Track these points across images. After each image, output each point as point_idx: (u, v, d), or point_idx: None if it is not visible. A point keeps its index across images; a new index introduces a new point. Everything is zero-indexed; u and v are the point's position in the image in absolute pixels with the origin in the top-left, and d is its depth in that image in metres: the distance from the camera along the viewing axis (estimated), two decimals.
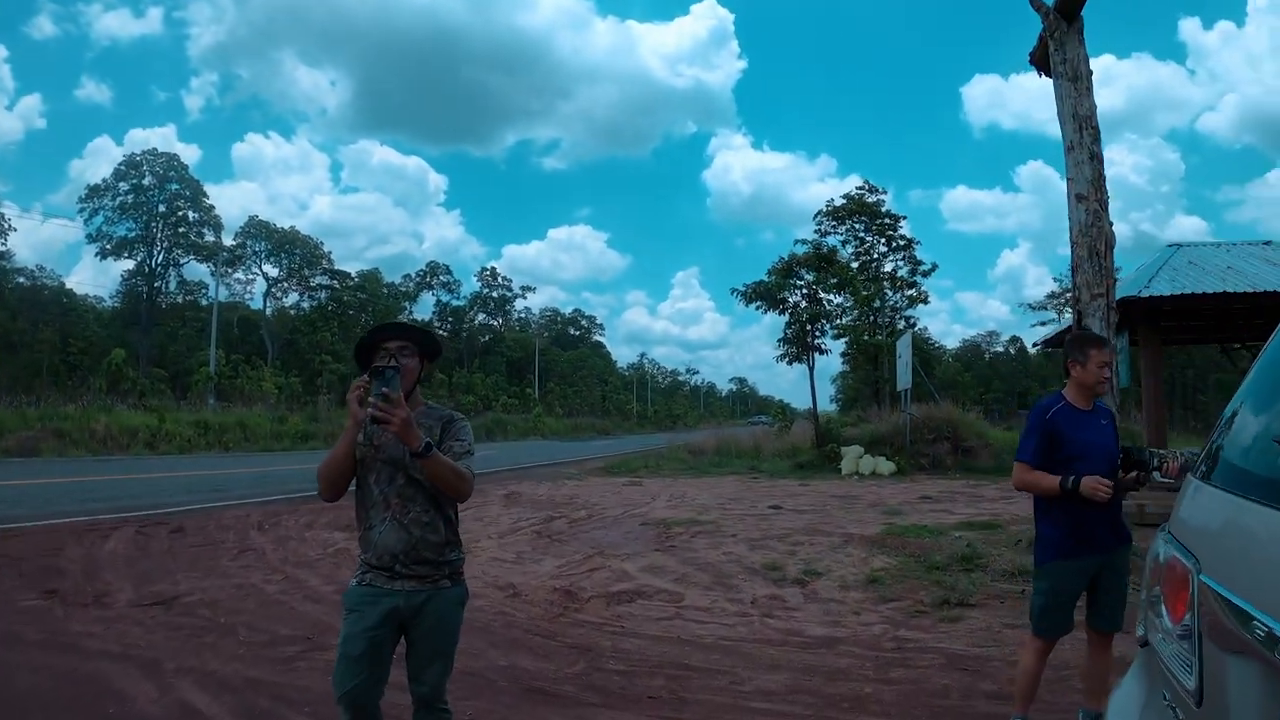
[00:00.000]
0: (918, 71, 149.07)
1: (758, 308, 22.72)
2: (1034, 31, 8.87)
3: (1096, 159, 8.22)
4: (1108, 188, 8.25)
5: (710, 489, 15.78)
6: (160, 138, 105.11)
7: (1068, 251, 8.38)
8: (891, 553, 8.55)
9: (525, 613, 6.32)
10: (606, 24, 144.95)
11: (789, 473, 19.54)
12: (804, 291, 22.97)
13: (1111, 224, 8.18)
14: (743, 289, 22.53)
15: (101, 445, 23.85)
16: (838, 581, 7.35)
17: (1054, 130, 8.64)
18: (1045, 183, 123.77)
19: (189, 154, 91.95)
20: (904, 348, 22.53)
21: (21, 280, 58.08)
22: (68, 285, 61.73)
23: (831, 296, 23.30)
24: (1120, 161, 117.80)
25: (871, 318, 35.92)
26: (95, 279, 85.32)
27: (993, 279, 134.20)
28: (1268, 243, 14.51)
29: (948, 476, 18.40)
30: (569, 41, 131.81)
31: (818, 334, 23.17)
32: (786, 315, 22.81)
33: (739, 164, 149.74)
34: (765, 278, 22.85)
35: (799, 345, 23.20)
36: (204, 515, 11.18)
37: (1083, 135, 8.23)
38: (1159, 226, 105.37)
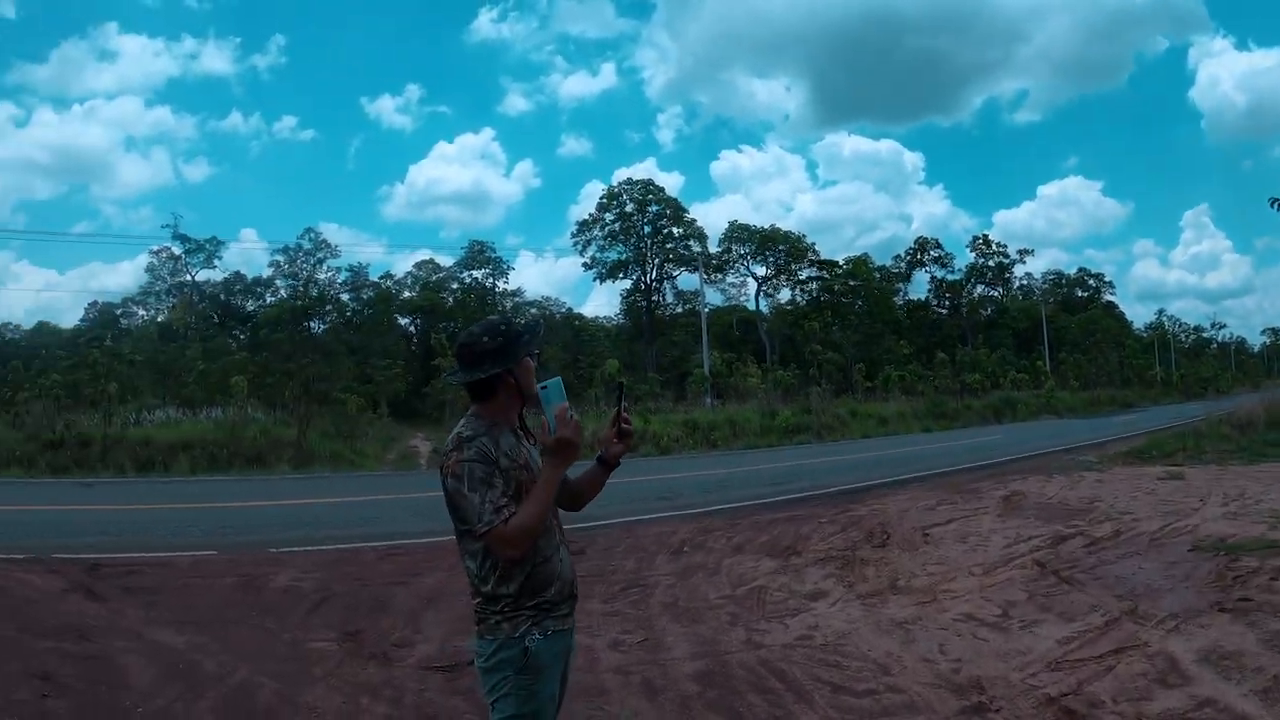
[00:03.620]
0: None
1: None
2: None
3: None
4: None
5: (1274, 482, 11.32)
6: (643, 172, 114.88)
7: None
8: None
9: None
10: None
11: None
12: None
13: None
14: None
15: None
16: None
17: None
18: None
19: (672, 181, 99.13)
20: None
21: (533, 310, 67.62)
22: (578, 311, 71.14)
23: None
24: None
25: None
26: (610, 303, 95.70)
27: None
28: None
29: None
30: None
31: None
32: None
33: (1225, 72, 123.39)
34: None
35: None
36: (624, 530, 10.24)
37: None
38: None
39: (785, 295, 70.32)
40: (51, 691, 5.05)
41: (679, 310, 66.73)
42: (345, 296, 60.95)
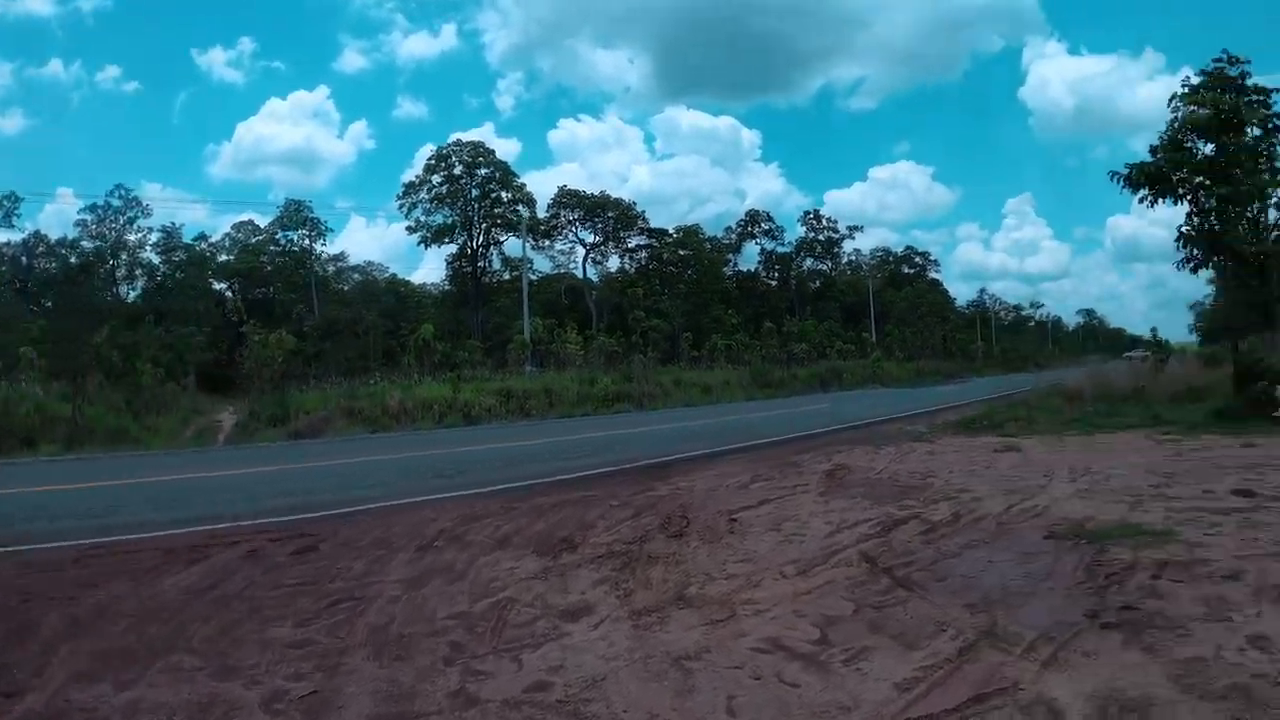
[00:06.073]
0: None
1: (1143, 200, 16.92)
2: None
3: None
4: None
5: (1117, 456, 10.50)
6: (479, 138, 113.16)
7: None
8: None
9: None
10: None
11: (1209, 424, 13.63)
12: (1205, 168, 16.83)
13: None
14: (1125, 171, 16.89)
15: (393, 420, 23.13)
16: None
17: None
18: None
19: (509, 148, 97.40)
20: None
21: (356, 276, 68.29)
22: (403, 277, 70.94)
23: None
24: None
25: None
26: (440, 270, 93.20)
27: None
28: None
29: None
30: None
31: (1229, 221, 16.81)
32: (1185, 203, 16.85)
33: (1056, 75, 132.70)
34: (1150, 157, 17.02)
35: (1205, 244, 17.06)
36: (379, 517, 8.49)
37: None
38: None
39: (615, 264, 70.01)
40: None
41: (506, 277, 65.01)
42: (155, 259, 56.68)
